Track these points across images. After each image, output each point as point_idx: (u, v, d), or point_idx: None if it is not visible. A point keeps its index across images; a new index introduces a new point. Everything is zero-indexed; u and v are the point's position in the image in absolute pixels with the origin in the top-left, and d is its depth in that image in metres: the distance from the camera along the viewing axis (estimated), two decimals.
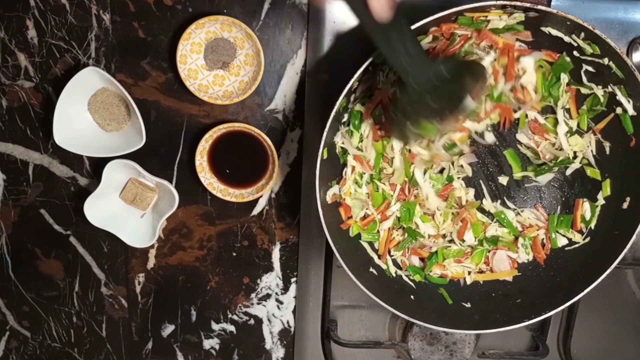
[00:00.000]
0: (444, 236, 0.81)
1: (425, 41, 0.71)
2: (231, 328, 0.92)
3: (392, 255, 0.80)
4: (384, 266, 0.80)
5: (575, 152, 0.77)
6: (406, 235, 0.80)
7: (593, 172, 0.77)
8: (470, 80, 0.62)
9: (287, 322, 0.92)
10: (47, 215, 0.86)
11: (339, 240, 0.73)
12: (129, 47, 0.79)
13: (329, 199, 0.75)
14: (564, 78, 0.73)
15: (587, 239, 0.78)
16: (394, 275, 0.80)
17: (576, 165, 0.77)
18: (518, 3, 0.64)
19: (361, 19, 0.54)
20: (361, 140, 0.76)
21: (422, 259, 0.82)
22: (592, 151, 0.76)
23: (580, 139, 0.76)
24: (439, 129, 0.64)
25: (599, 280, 0.73)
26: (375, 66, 0.71)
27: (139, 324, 0.91)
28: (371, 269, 0.78)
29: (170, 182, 0.84)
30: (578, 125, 0.77)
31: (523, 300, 0.79)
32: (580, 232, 0.79)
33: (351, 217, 0.78)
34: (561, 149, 0.77)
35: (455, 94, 0.61)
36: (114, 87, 0.76)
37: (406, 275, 0.81)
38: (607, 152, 0.75)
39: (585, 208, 0.78)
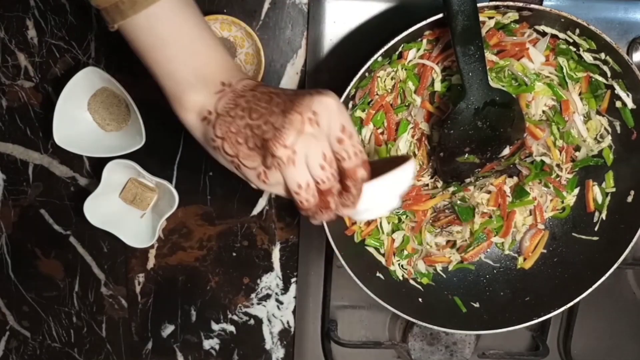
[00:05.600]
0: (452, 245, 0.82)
1: (422, 46, 0.71)
2: (231, 328, 0.92)
3: (398, 260, 0.80)
4: (391, 269, 0.80)
5: (596, 136, 0.77)
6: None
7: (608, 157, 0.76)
8: (513, 125, 0.71)
9: (287, 322, 0.92)
10: (47, 215, 0.86)
11: (343, 247, 0.72)
12: (129, 47, 0.78)
13: None
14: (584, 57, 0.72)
15: (596, 238, 0.78)
16: (400, 278, 0.80)
17: (606, 143, 0.76)
18: (511, 3, 0.64)
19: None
20: (362, 146, 0.76)
21: (430, 265, 0.82)
22: (606, 130, 0.76)
23: (593, 122, 0.76)
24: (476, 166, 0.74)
25: (607, 274, 0.73)
26: (372, 72, 0.71)
27: (139, 324, 0.91)
28: (378, 274, 0.78)
29: (170, 182, 0.84)
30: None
31: (531, 298, 0.79)
32: (594, 223, 0.79)
33: (355, 222, 0.77)
34: (584, 141, 0.76)
35: (497, 139, 0.72)
36: (114, 86, 0.76)
37: (413, 279, 0.81)
38: (618, 132, 0.75)
39: (595, 192, 0.78)
